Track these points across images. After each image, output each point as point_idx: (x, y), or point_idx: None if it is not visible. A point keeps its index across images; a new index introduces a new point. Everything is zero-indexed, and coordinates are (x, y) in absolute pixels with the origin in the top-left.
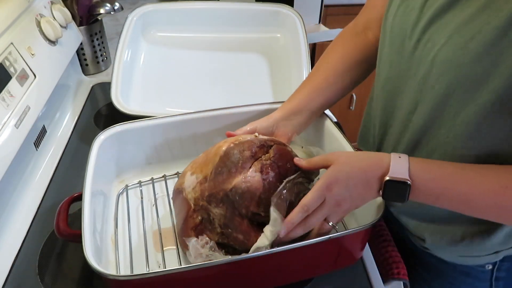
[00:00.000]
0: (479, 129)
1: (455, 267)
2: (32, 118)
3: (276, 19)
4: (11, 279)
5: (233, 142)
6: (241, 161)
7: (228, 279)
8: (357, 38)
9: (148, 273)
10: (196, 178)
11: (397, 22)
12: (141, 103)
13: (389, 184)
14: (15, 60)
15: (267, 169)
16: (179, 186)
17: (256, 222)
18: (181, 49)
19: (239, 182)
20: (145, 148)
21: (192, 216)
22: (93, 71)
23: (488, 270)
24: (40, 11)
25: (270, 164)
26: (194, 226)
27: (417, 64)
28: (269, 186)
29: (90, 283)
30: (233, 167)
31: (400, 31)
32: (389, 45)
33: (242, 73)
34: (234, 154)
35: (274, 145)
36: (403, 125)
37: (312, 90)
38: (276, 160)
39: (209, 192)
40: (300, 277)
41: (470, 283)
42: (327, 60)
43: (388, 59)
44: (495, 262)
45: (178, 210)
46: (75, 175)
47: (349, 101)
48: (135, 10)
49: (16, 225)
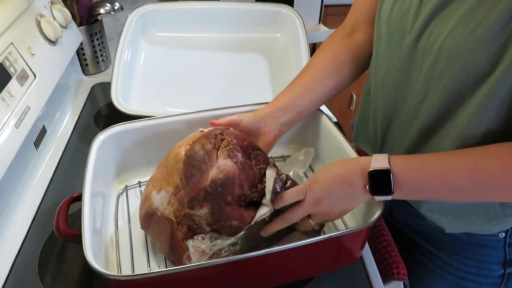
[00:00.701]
0: (489, 108)
1: (471, 241)
2: (32, 118)
3: (276, 19)
4: (11, 279)
5: (187, 144)
6: (206, 156)
7: (228, 279)
8: (345, 39)
9: (149, 273)
10: (166, 192)
11: (394, 18)
12: (141, 103)
13: (373, 175)
14: (15, 60)
15: (233, 153)
16: (148, 209)
17: (243, 203)
18: (181, 49)
19: (215, 174)
20: (145, 148)
21: (178, 229)
22: (93, 71)
23: (502, 238)
24: (40, 11)
25: (233, 148)
26: (183, 237)
27: (421, 56)
28: (243, 166)
29: (90, 283)
30: (202, 164)
31: (398, 26)
32: (387, 41)
33: (242, 73)
34: (197, 152)
35: (224, 131)
36: (410, 116)
37: (300, 89)
38: (235, 143)
39: (189, 197)
40: (300, 276)
41: (487, 253)
42: (315, 61)
43: (386, 55)
44: (507, 229)
45: (157, 233)
46: (75, 175)
47: (349, 101)
48: (135, 10)
49: (16, 225)
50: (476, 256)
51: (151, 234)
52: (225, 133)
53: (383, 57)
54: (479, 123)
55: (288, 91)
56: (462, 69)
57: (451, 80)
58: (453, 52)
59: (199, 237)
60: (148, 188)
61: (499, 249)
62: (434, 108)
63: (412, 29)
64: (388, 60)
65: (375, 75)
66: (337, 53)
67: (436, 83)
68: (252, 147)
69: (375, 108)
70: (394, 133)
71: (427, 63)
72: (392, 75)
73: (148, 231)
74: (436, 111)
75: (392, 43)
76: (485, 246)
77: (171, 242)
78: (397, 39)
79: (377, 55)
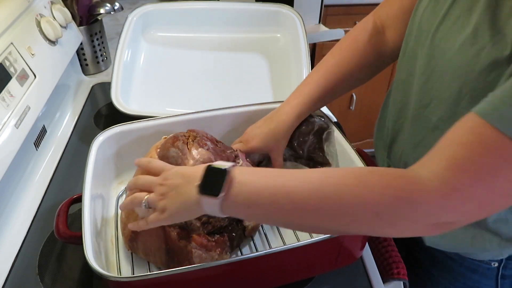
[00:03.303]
0: None
1: (462, 263)
2: (32, 118)
3: (276, 19)
4: (11, 279)
5: (156, 149)
6: (179, 151)
7: (228, 280)
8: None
9: (149, 275)
10: None
11: (426, 17)
12: (141, 103)
13: (207, 171)
14: (15, 60)
15: (203, 142)
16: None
17: None
18: (181, 49)
19: (193, 163)
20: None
21: (170, 231)
22: (93, 71)
23: (494, 267)
24: (40, 11)
25: (201, 139)
26: (178, 237)
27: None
28: (215, 151)
29: (90, 283)
30: (178, 159)
31: (426, 25)
32: (416, 39)
33: (242, 73)
34: (169, 151)
35: (186, 131)
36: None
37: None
38: (199, 135)
39: None
40: (301, 276)
41: (476, 279)
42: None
43: (412, 53)
44: (501, 259)
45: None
46: (75, 175)
47: (349, 101)
48: (135, 10)
49: (16, 225)
50: (465, 280)
51: (142, 249)
52: (187, 132)
53: (409, 55)
54: None
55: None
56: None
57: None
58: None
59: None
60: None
61: (490, 278)
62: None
63: (436, 32)
64: (413, 58)
65: (399, 72)
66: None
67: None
68: (215, 139)
69: (392, 105)
70: (402, 135)
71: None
72: (415, 74)
73: (138, 248)
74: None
75: (419, 41)
76: (476, 272)
77: (167, 246)
78: (423, 38)
79: (404, 53)
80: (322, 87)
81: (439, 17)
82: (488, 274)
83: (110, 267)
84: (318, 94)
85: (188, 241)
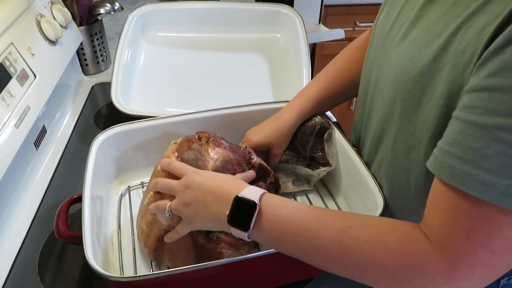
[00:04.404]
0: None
1: None
2: (32, 118)
3: (276, 19)
4: (11, 279)
5: (172, 153)
6: (198, 153)
7: (228, 280)
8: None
9: (149, 275)
10: None
11: (380, 28)
12: (141, 103)
13: (237, 201)
14: (15, 60)
15: (218, 141)
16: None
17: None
18: (181, 49)
19: (213, 164)
20: (145, 148)
21: (198, 236)
22: (93, 71)
23: None
24: (40, 11)
25: (215, 138)
26: (206, 240)
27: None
28: (232, 148)
29: (90, 283)
30: (198, 161)
31: (379, 37)
32: (373, 50)
33: (242, 73)
34: (187, 154)
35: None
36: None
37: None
38: (212, 136)
39: None
40: (301, 276)
41: None
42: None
43: (370, 64)
44: None
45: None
46: (75, 175)
47: (349, 101)
48: (135, 10)
49: (16, 225)
50: None
51: (169, 258)
52: (199, 133)
53: (368, 66)
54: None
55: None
56: (397, 92)
57: (390, 107)
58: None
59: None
60: (148, 214)
61: None
62: (377, 123)
63: (385, 40)
64: (370, 70)
65: (361, 83)
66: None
67: (379, 100)
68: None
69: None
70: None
71: (382, 78)
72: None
73: (164, 257)
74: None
75: (375, 53)
76: None
77: (196, 251)
78: (377, 49)
79: (366, 64)
80: (323, 90)
81: (386, 29)
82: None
83: (110, 267)
84: (320, 96)
85: (217, 243)
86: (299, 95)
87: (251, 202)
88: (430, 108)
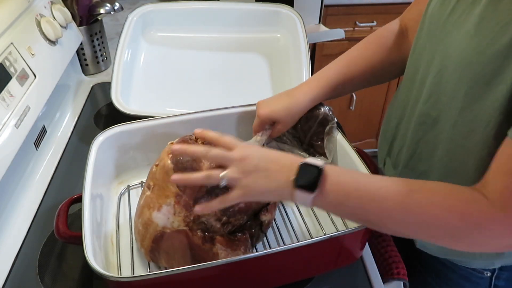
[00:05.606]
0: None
1: (455, 270)
2: (32, 118)
3: (276, 19)
4: (11, 279)
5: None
6: None
7: (228, 280)
8: (396, 40)
9: (149, 275)
10: (168, 205)
11: (435, 14)
12: (141, 103)
13: (302, 167)
14: (15, 60)
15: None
16: (155, 233)
17: None
18: (181, 49)
19: (208, 166)
20: (145, 148)
21: (193, 236)
22: (93, 71)
23: (487, 277)
24: (40, 11)
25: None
26: (202, 241)
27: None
28: None
29: (90, 283)
30: (193, 163)
31: (436, 22)
32: (425, 37)
33: (242, 73)
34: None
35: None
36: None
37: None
38: None
39: (193, 198)
40: (301, 276)
41: (468, 287)
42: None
43: (421, 49)
44: (494, 269)
45: (172, 252)
46: (75, 175)
47: (349, 101)
48: (135, 10)
49: (16, 225)
50: (458, 287)
51: (165, 259)
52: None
53: (418, 51)
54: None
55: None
56: (463, 79)
57: (453, 86)
58: (461, 62)
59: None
60: (144, 215)
61: (483, 287)
62: (434, 111)
63: (444, 26)
64: (420, 55)
65: (407, 70)
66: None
67: (439, 87)
68: None
69: (397, 103)
70: (403, 132)
71: (441, 64)
72: (419, 71)
73: (160, 258)
74: (434, 116)
75: (428, 38)
76: (468, 280)
77: (192, 252)
78: (432, 35)
79: (415, 49)
80: (342, 75)
81: (446, 12)
82: (481, 283)
83: (110, 267)
84: (337, 81)
85: (213, 244)
86: (317, 77)
87: (317, 166)
88: (503, 88)
